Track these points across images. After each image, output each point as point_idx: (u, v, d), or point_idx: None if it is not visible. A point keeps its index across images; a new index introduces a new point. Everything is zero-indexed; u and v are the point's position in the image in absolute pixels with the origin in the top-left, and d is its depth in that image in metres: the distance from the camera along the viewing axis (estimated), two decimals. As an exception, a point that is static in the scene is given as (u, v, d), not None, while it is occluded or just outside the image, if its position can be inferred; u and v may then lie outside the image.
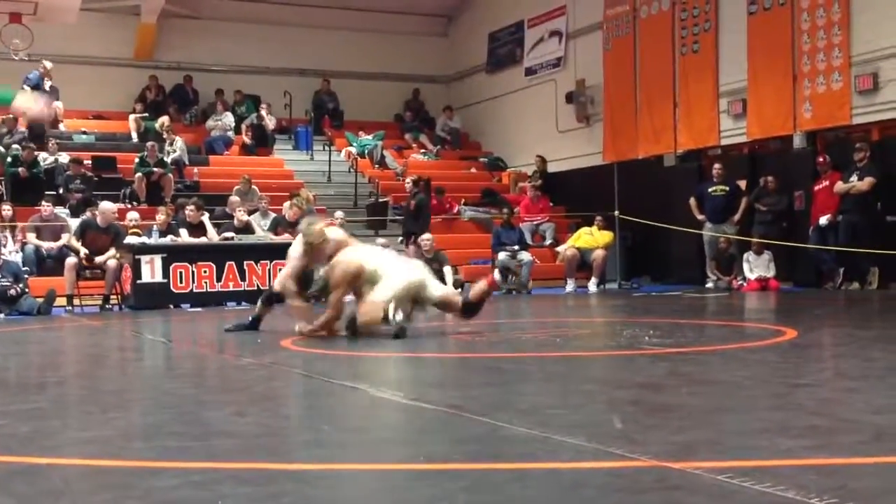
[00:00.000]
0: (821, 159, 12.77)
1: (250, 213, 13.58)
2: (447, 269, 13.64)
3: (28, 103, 11.27)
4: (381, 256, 7.02)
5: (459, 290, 13.56)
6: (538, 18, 18.67)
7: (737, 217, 13.44)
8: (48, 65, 16.71)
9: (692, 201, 13.85)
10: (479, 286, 7.05)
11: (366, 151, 18.35)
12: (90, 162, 15.71)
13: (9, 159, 14.72)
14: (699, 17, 14.91)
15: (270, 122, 18.49)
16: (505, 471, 2.59)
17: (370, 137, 18.68)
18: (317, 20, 19.96)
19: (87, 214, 12.73)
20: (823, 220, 12.35)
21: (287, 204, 13.01)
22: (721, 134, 14.62)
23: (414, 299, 6.78)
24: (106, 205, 12.51)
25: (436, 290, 6.91)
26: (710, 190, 13.69)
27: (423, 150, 19.74)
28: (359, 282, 6.70)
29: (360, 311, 6.55)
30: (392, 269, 6.73)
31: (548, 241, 15.84)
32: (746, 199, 13.47)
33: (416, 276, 6.85)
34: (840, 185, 12.18)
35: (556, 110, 18.02)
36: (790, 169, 13.45)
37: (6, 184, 14.49)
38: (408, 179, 15.38)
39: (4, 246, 12.21)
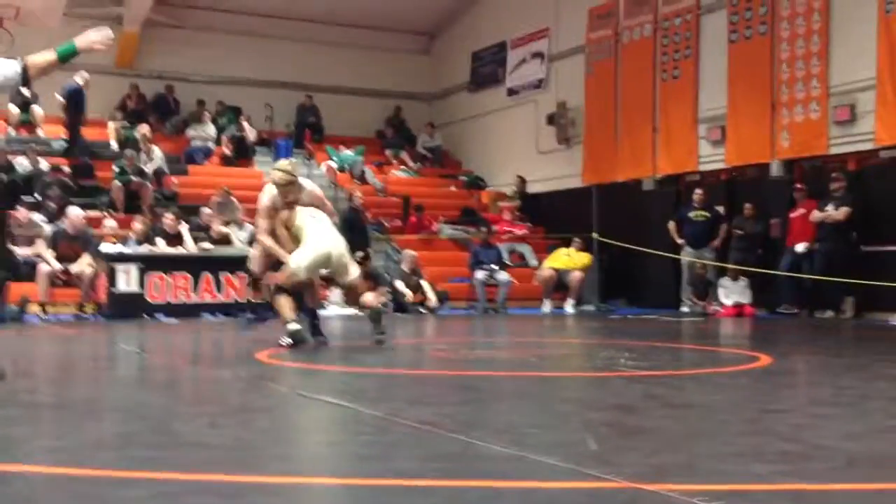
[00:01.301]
0: (798, 187, 12.89)
1: (226, 224, 13.50)
2: (424, 283, 13.66)
3: None
4: (314, 222, 7.06)
5: (441, 303, 13.63)
6: (521, 40, 18.76)
7: (717, 243, 13.52)
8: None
9: (671, 225, 13.90)
10: (371, 299, 7.18)
11: (346, 166, 18.32)
12: (69, 168, 15.59)
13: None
14: (680, 44, 15.03)
15: (251, 134, 18.44)
16: (478, 488, 2.58)
17: (351, 152, 18.66)
18: (300, 34, 19.95)
19: (64, 222, 12.61)
20: (801, 248, 12.44)
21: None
22: (700, 159, 14.73)
23: (329, 276, 7.07)
24: (73, 211, 12.38)
25: (350, 273, 7.02)
26: (690, 215, 13.76)
27: (403, 167, 19.74)
28: (289, 229, 6.97)
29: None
30: (315, 236, 6.90)
31: (532, 263, 15.73)
32: (726, 225, 13.55)
33: (337, 249, 6.98)
34: (816, 214, 12.29)
35: (536, 131, 18.09)
36: (767, 196, 13.55)
37: (-19, 189, 14.34)
38: (342, 192, 15.17)
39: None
